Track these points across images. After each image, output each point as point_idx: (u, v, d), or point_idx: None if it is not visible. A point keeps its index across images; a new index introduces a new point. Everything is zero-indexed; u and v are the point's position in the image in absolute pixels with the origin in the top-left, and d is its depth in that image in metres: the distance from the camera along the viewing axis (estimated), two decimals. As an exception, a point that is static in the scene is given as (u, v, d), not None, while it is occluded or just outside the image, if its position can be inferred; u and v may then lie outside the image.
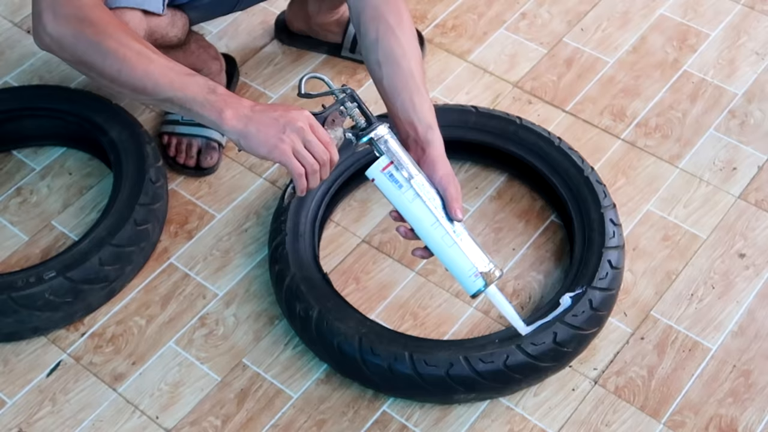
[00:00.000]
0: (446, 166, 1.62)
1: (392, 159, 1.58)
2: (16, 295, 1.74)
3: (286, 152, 1.53)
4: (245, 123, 1.53)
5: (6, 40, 2.31)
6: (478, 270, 1.58)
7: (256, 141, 1.53)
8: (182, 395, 1.75)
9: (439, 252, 1.60)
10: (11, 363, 1.80)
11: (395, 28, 1.67)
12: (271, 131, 1.53)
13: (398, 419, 1.72)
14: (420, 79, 1.67)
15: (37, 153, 2.10)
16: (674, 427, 1.70)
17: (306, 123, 1.54)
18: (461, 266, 1.59)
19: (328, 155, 1.56)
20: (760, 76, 2.22)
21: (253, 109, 1.54)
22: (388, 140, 1.59)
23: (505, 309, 1.64)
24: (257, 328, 1.83)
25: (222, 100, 1.54)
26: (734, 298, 1.86)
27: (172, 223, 1.98)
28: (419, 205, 1.58)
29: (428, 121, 1.64)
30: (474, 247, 1.59)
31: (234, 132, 1.54)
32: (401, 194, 1.58)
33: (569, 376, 1.76)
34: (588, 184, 1.87)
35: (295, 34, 2.28)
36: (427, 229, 1.59)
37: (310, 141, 1.54)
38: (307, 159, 1.54)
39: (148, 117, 2.14)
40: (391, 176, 1.58)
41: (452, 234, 1.58)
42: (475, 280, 1.58)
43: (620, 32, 2.32)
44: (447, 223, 1.58)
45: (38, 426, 1.72)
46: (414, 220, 1.59)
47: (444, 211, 1.58)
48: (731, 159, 2.07)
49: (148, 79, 1.54)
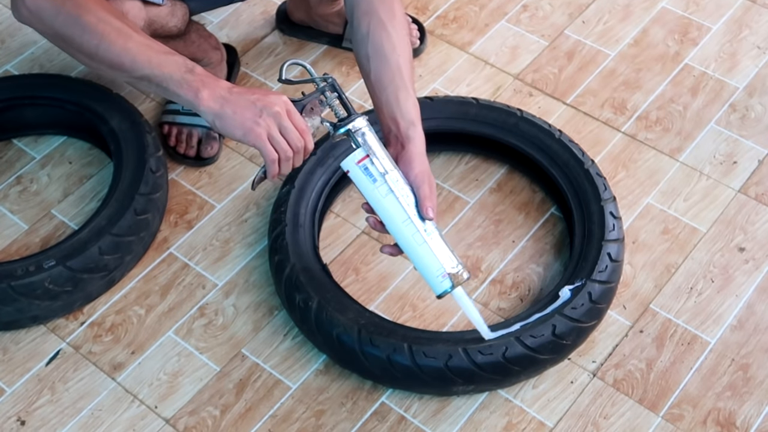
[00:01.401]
0: (423, 164, 1.61)
1: (368, 152, 1.56)
2: (16, 283, 1.74)
3: (261, 136, 1.52)
4: (221, 104, 1.53)
5: (6, 29, 2.31)
6: (446, 271, 1.56)
7: (231, 123, 1.53)
8: (181, 385, 1.75)
9: (408, 249, 1.58)
10: (10, 352, 1.80)
11: (387, 24, 1.66)
12: (247, 114, 1.52)
13: (397, 410, 1.72)
14: (407, 76, 1.65)
15: (38, 142, 2.10)
16: (672, 420, 1.70)
17: (283, 108, 1.53)
18: (429, 266, 1.57)
19: (302, 143, 1.55)
20: (761, 70, 2.22)
21: (230, 91, 1.54)
22: (366, 133, 1.57)
23: (470, 312, 1.61)
24: (256, 318, 1.83)
25: (199, 80, 1.53)
26: (733, 292, 1.86)
27: (172, 212, 1.98)
28: (392, 201, 1.57)
29: (411, 118, 1.63)
30: (444, 248, 1.57)
31: (210, 113, 1.53)
32: (375, 188, 1.57)
33: (568, 369, 1.76)
34: (588, 177, 1.87)
35: (296, 25, 2.27)
36: (398, 226, 1.57)
37: (286, 127, 1.53)
38: (282, 145, 1.54)
39: (148, 107, 2.14)
40: (365, 170, 1.57)
41: (422, 232, 1.56)
42: (443, 280, 1.57)
43: (621, 25, 2.31)
44: (418, 222, 1.56)
45: (37, 414, 1.72)
46: (385, 216, 1.58)
47: (416, 209, 1.57)
48: (732, 153, 2.07)
49: (126, 55, 1.53)
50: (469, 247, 1.92)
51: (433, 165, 2.04)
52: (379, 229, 1.61)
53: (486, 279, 1.88)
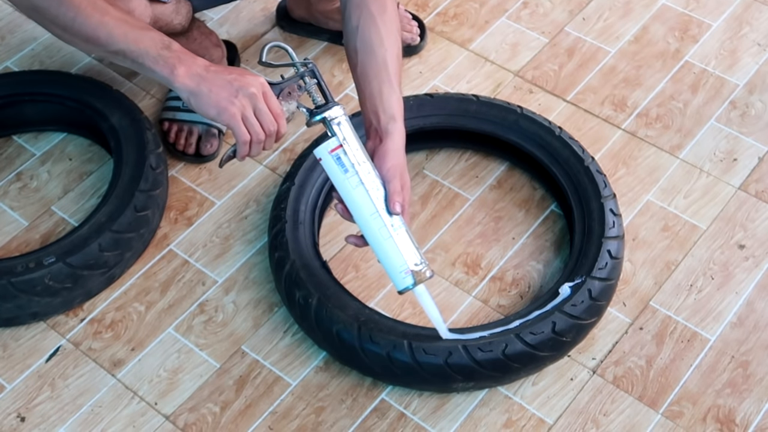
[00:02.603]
0: (397, 159, 1.60)
1: (342, 142, 1.56)
2: (16, 280, 1.74)
3: (235, 116, 1.52)
4: (197, 82, 1.52)
5: (7, 25, 2.30)
6: (408, 268, 1.56)
7: (206, 101, 1.52)
8: (181, 381, 1.75)
9: (373, 243, 1.59)
10: (10, 348, 1.80)
11: (377, 18, 1.66)
12: (222, 93, 1.52)
13: (397, 407, 1.72)
14: (393, 71, 1.64)
15: (38, 138, 2.10)
16: (672, 417, 1.70)
17: (259, 90, 1.53)
18: (393, 261, 1.57)
19: (275, 127, 1.55)
20: (761, 67, 2.22)
21: (207, 69, 1.53)
22: (342, 122, 1.57)
23: (430, 311, 1.62)
24: (256, 315, 1.84)
25: (176, 56, 1.52)
26: (733, 289, 1.86)
27: (172, 209, 1.98)
28: (361, 193, 1.57)
29: (392, 113, 1.62)
30: (409, 244, 1.57)
31: (185, 90, 1.53)
32: (345, 179, 1.57)
33: (568, 366, 1.76)
34: (588, 174, 1.87)
35: (296, 22, 2.27)
36: (365, 218, 1.58)
37: (260, 109, 1.53)
38: (255, 127, 1.53)
39: (148, 103, 2.14)
40: (338, 159, 1.57)
41: (389, 227, 1.56)
42: (405, 277, 1.57)
43: (622, 22, 2.31)
44: (386, 216, 1.57)
45: (37, 411, 1.72)
46: (354, 207, 1.58)
47: (386, 203, 1.57)
48: (732, 150, 2.07)
49: (102, 29, 1.52)
50: (469, 244, 1.92)
51: (432, 162, 2.04)
52: (347, 217, 1.61)
53: (486, 276, 1.88)
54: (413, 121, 1.97)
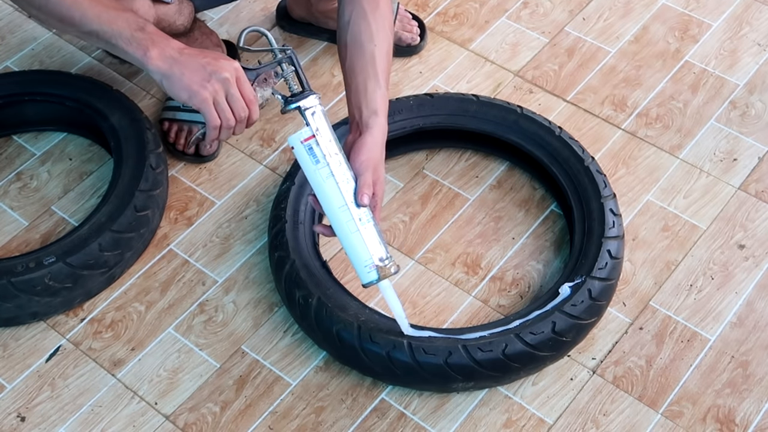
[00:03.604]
0: (372, 153, 1.60)
1: (315, 133, 1.56)
2: (16, 280, 1.74)
3: (207, 101, 1.52)
4: (170, 65, 1.51)
5: (7, 25, 2.31)
6: (374, 262, 1.57)
7: (178, 84, 1.52)
8: (181, 381, 1.75)
9: (340, 235, 1.59)
10: (10, 348, 1.80)
11: (368, 14, 1.66)
12: (195, 77, 1.51)
13: (397, 407, 1.72)
14: (381, 67, 1.64)
15: (38, 138, 2.10)
16: (672, 417, 1.70)
17: (233, 75, 1.52)
18: (359, 254, 1.58)
19: (246, 113, 1.55)
20: (761, 67, 2.22)
21: (181, 52, 1.53)
22: (316, 112, 1.57)
23: (393, 306, 1.62)
24: (256, 315, 1.84)
25: (149, 38, 1.52)
26: (733, 289, 1.86)
27: (172, 209, 1.98)
28: (331, 185, 1.57)
29: (375, 108, 1.62)
30: (375, 239, 1.58)
31: (157, 72, 1.52)
32: (316, 170, 1.57)
33: (568, 366, 1.76)
34: (588, 174, 1.87)
35: (296, 21, 2.27)
36: (334, 210, 1.58)
37: (233, 95, 1.53)
38: (225, 113, 1.53)
39: (148, 103, 2.14)
40: (310, 149, 1.56)
41: (357, 221, 1.57)
42: (370, 271, 1.58)
43: (622, 22, 2.31)
44: (354, 209, 1.57)
45: (37, 411, 1.72)
46: (323, 198, 1.59)
47: (355, 197, 1.57)
48: (732, 150, 2.07)
49: (76, 9, 1.51)
50: (469, 244, 1.92)
51: (432, 162, 2.04)
52: (318, 208, 1.62)
53: (486, 276, 1.88)
54: (413, 121, 1.98)
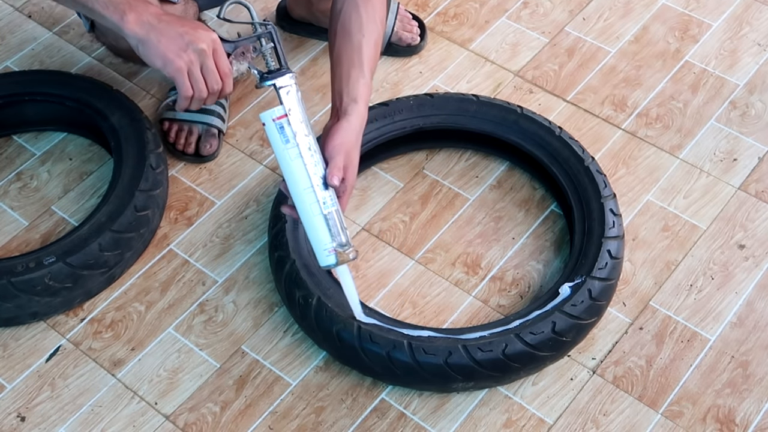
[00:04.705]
0: (347, 137, 1.60)
1: (288, 112, 1.56)
2: (16, 280, 1.74)
3: (181, 70, 1.51)
4: (147, 30, 1.51)
5: (7, 25, 2.31)
6: (333, 247, 1.59)
7: (154, 51, 1.52)
8: (181, 381, 1.75)
9: (303, 216, 1.60)
10: (10, 348, 1.80)
11: (360, 5, 1.67)
12: (171, 45, 1.51)
13: (397, 407, 1.72)
14: (367, 57, 1.65)
15: (38, 138, 2.10)
16: (672, 417, 1.70)
17: (210, 47, 1.52)
18: (319, 237, 1.59)
19: (220, 86, 1.55)
20: (761, 67, 2.22)
21: (159, 18, 1.52)
22: (291, 92, 1.57)
23: (348, 290, 1.65)
24: (256, 314, 1.84)
25: (126, 2, 1.51)
26: (733, 289, 1.86)
27: (172, 209, 1.98)
28: (299, 166, 1.57)
29: (356, 95, 1.62)
30: (337, 225, 1.59)
31: (134, 37, 1.52)
32: (285, 149, 1.57)
33: (568, 366, 1.76)
34: (588, 174, 1.87)
35: (296, 21, 2.27)
36: (299, 192, 1.59)
37: (208, 67, 1.52)
38: (199, 84, 1.53)
39: (148, 103, 2.14)
40: (281, 128, 1.57)
41: (320, 204, 1.58)
42: (329, 255, 1.59)
43: (622, 22, 2.31)
44: (320, 192, 1.58)
45: (37, 411, 1.72)
46: (290, 178, 1.59)
47: (323, 180, 1.58)
48: (732, 150, 2.07)
49: None
50: (469, 244, 1.92)
51: (432, 162, 2.04)
52: (286, 191, 1.62)
53: (486, 276, 1.88)
54: (413, 121, 1.98)
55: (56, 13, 2.32)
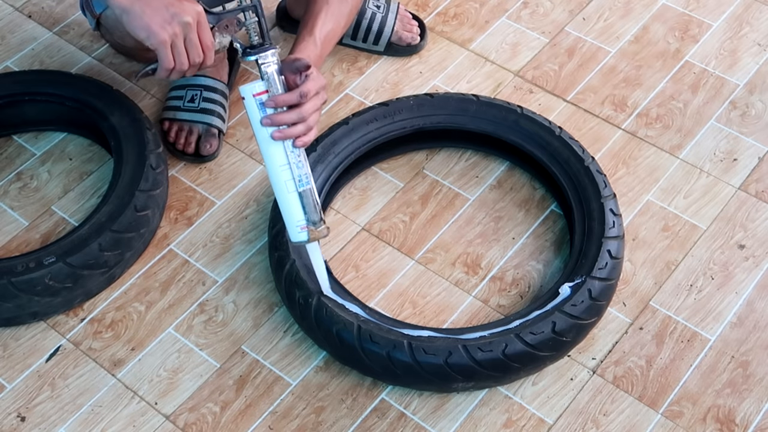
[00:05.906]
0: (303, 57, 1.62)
1: (269, 88, 1.57)
2: (16, 280, 1.74)
3: (164, 42, 1.52)
4: (132, 0, 1.52)
5: (7, 25, 2.31)
6: (305, 224, 1.62)
7: (138, 22, 1.52)
8: (181, 381, 1.75)
9: (277, 193, 1.63)
10: (10, 348, 1.80)
11: None
12: (156, 17, 1.51)
13: (397, 407, 1.72)
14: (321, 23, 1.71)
15: (38, 138, 2.10)
16: (672, 417, 1.70)
17: (195, 20, 1.53)
18: (292, 213, 1.62)
19: (201, 59, 1.55)
20: (761, 67, 2.22)
21: None
22: (272, 68, 1.58)
23: (317, 266, 1.68)
24: (256, 314, 1.84)
25: None
26: (733, 289, 1.86)
27: (172, 209, 1.98)
28: (276, 143, 1.59)
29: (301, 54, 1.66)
30: (311, 202, 1.61)
31: (118, 6, 1.52)
32: (264, 126, 1.58)
33: (568, 366, 1.76)
34: (588, 174, 1.87)
35: (296, 21, 2.26)
36: (275, 169, 1.60)
37: (191, 40, 1.53)
38: (181, 56, 1.53)
39: (149, 103, 2.14)
40: (261, 104, 1.58)
41: (296, 182, 1.60)
42: (300, 231, 1.62)
43: (622, 22, 2.31)
44: (296, 170, 1.60)
45: (37, 411, 1.72)
46: (267, 155, 1.61)
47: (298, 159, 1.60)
48: (732, 150, 2.07)
49: None
50: (469, 244, 1.92)
51: (432, 162, 2.04)
52: None
53: (486, 276, 1.88)
54: (413, 121, 1.98)
55: (56, 13, 2.32)
